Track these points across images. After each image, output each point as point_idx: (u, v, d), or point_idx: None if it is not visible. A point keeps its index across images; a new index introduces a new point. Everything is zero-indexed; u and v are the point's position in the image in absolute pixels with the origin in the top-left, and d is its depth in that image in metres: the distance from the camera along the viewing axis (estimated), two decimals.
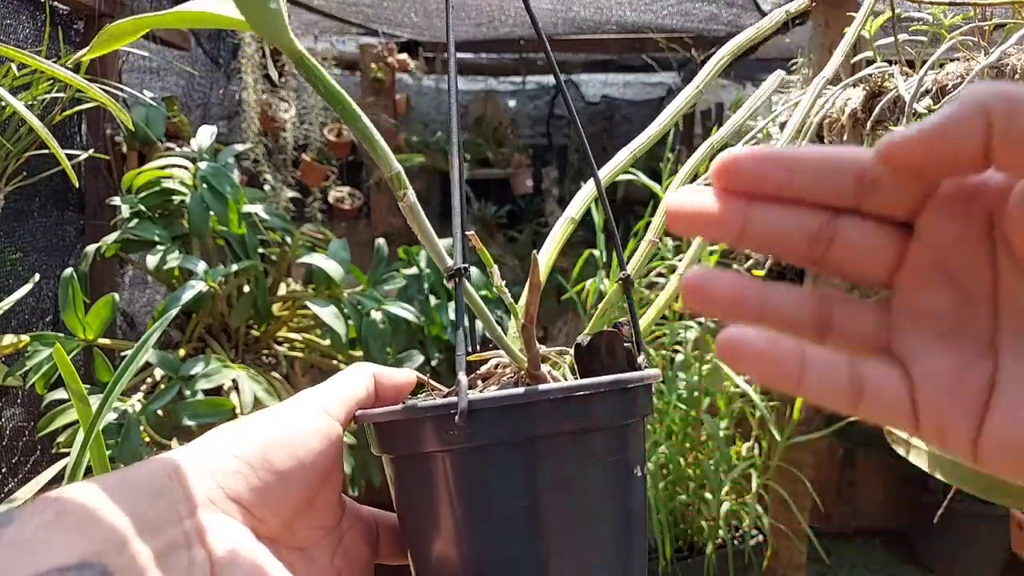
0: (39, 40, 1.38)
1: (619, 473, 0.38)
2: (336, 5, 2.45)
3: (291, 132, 2.39)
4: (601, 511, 0.38)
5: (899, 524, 2.92)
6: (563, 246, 0.51)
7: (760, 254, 1.68)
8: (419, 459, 0.38)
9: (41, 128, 0.81)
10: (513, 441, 0.36)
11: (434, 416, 0.36)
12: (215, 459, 0.35)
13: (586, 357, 0.42)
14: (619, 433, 0.38)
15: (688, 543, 1.75)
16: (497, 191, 3.34)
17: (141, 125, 1.59)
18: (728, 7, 2.41)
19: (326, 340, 1.61)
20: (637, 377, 0.39)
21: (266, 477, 0.35)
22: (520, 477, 0.36)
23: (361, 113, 0.35)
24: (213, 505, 0.33)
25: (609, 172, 0.53)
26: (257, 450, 0.35)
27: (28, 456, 1.37)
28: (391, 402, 0.42)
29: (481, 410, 0.35)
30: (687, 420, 1.71)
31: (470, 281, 0.40)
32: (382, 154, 0.36)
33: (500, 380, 0.42)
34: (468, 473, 0.36)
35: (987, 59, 0.90)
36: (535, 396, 0.36)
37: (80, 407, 0.69)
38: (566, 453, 0.37)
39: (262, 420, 0.38)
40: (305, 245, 1.69)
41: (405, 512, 0.40)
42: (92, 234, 1.57)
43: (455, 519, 0.37)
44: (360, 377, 0.41)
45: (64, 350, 0.69)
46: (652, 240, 0.52)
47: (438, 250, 0.38)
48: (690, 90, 0.55)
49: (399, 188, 0.36)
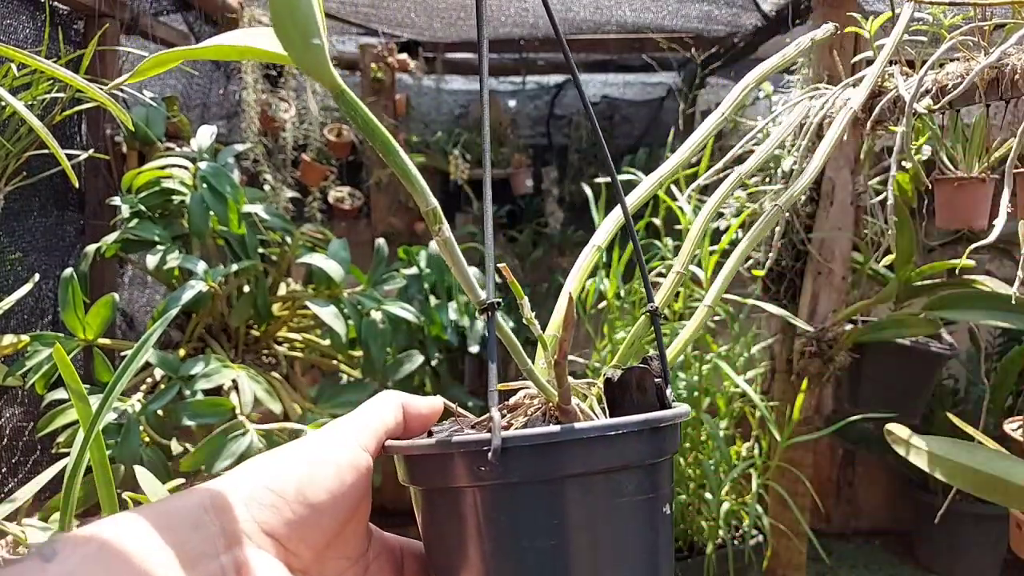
0: (39, 40, 1.38)
1: (648, 511, 0.38)
2: (336, 5, 2.45)
3: (291, 132, 2.39)
4: (630, 549, 0.38)
5: (899, 524, 2.92)
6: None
7: (759, 253, 1.68)
8: (449, 493, 0.38)
9: (41, 128, 0.81)
10: (545, 479, 0.36)
11: (466, 452, 0.36)
12: (250, 492, 0.35)
13: (616, 392, 0.41)
14: (650, 471, 0.38)
15: (688, 543, 1.75)
16: (497, 191, 3.34)
17: (141, 125, 1.59)
18: (728, 7, 2.41)
19: (326, 340, 1.61)
20: (670, 416, 0.39)
21: (300, 511, 0.36)
22: (551, 515, 0.36)
23: (399, 148, 0.35)
24: (249, 539, 0.34)
25: (637, 199, 0.53)
26: (291, 484, 0.36)
27: (28, 456, 1.37)
28: (418, 431, 0.42)
29: (514, 448, 0.35)
30: (687, 420, 1.71)
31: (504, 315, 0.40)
32: (419, 189, 0.35)
33: (528, 412, 0.41)
34: (499, 509, 0.36)
35: (987, 59, 0.90)
36: (569, 435, 0.35)
37: (80, 407, 0.69)
38: (597, 491, 0.36)
39: (296, 452, 0.38)
40: (305, 245, 1.69)
41: (433, 544, 0.40)
42: (92, 234, 1.57)
43: (484, 554, 0.37)
44: (389, 406, 0.41)
45: (64, 350, 0.69)
46: (680, 272, 0.52)
47: (471, 283, 0.37)
48: (715, 117, 0.55)
49: (435, 223, 0.36)
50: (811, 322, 1.64)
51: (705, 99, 3.14)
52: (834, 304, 1.66)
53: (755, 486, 1.65)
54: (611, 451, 0.36)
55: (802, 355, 1.63)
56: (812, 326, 1.62)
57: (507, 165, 3.20)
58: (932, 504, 2.59)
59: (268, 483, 0.36)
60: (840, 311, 1.65)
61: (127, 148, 1.64)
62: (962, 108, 1.02)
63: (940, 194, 1.14)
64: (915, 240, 1.48)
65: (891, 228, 1.07)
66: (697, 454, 1.73)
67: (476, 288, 0.38)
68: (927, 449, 0.94)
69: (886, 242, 1.55)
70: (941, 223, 1.15)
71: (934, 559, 2.70)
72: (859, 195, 1.62)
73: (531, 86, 3.53)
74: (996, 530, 2.55)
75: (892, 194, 1.01)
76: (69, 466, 0.68)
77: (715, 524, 1.69)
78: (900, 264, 1.51)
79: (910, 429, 1.00)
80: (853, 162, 1.61)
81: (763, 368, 1.81)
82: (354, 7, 2.48)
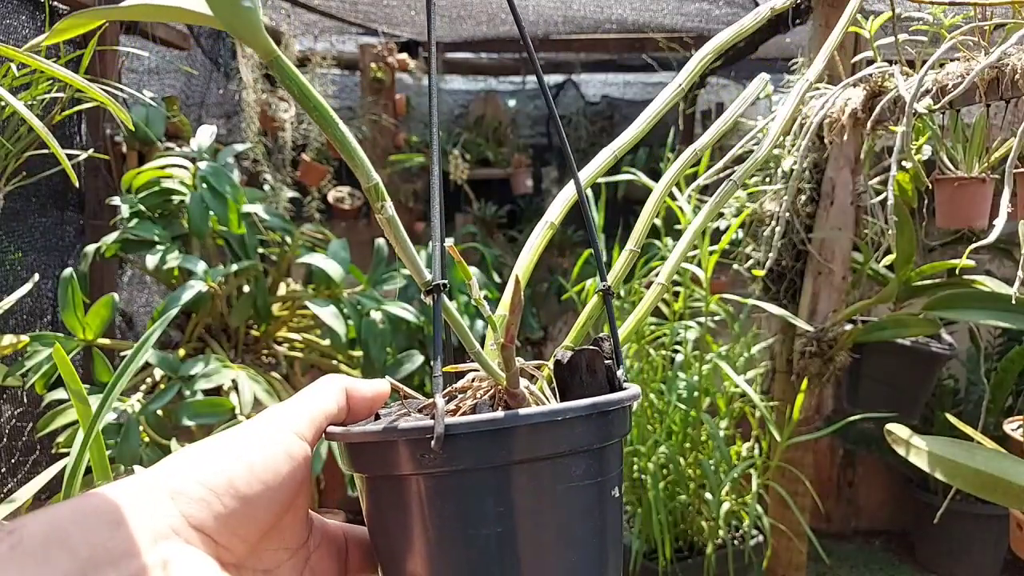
0: None
1: (596, 495, 0.38)
2: (336, 5, 2.45)
3: (290, 132, 2.39)
4: (578, 534, 0.37)
5: (899, 524, 2.92)
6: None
7: (759, 253, 1.68)
8: (392, 480, 0.37)
9: (41, 128, 0.81)
10: (490, 466, 0.35)
11: (409, 439, 0.35)
12: (177, 485, 0.33)
13: (566, 374, 0.40)
14: (598, 455, 0.38)
15: (688, 543, 1.75)
16: (497, 191, 3.34)
17: (141, 125, 1.59)
18: (728, 7, 2.41)
19: (326, 340, 1.61)
20: (617, 399, 0.38)
21: (231, 504, 0.34)
22: (496, 502, 0.35)
23: (338, 119, 0.34)
24: (176, 535, 0.32)
25: (591, 173, 0.52)
26: (222, 476, 0.34)
27: (28, 456, 1.37)
28: (365, 415, 0.41)
29: (458, 435, 0.34)
30: (687, 420, 1.71)
31: (450, 297, 0.39)
32: (360, 163, 0.34)
33: (476, 395, 0.41)
34: (443, 497, 0.35)
35: (987, 59, 0.90)
36: (514, 421, 0.35)
37: (80, 407, 0.69)
38: (544, 477, 0.36)
39: (228, 442, 0.36)
40: (305, 245, 1.69)
41: (377, 531, 0.39)
42: (92, 234, 1.57)
43: (429, 542, 0.36)
44: (330, 390, 0.40)
45: (64, 350, 0.69)
46: (632, 249, 0.51)
47: (416, 264, 0.36)
48: (671, 89, 0.54)
49: (377, 200, 0.35)
50: (811, 322, 1.64)
51: (705, 99, 3.14)
52: (834, 304, 1.66)
53: (755, 486, 1.65)
54: (558, 436, 0.36)
55: (802, 355, 1.63)
56: (812, 326, 1.62)
57: (507, 165, 3.20)
58: (932, 504, 2.59)
59: (197, 475, 0.34)
60: (840, 311, 1.65)
61: (127, 148, 1.63)
62: (962, 108, 1.02)
63: (940, 194, 1.14)
64: (915, 240, 1.48)
65: (891, 228, 1.07)
66: (697, 454, 1.73)
67: (422, 268, 0.37)
68: (927, 449, 0.94)
69: (886, 242, 1.55)
70: (941, 223, 1.15)
71: (934, 559, 2.70)
72: (859, 195, 1.62)
73: (531, 86, 3.53)
74: (996, 530, 2.55)
75: (892, 194, 1.01)
76: (69, 466, 0.68)
77: (715, 524, 1.69)
78: (900, 264, 1.51)
79: (910, 429, 1.00)
80: (853, 162, 1.61)
81: (763, 368, 1.81)
82: (354, 6, 2.48)
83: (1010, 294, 0.87)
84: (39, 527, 0.29)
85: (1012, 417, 1.20)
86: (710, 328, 1.76)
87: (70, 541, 0.29)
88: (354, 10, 2.53)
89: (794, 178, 1.49)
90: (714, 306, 1.71)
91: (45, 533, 0.29)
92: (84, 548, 0.29)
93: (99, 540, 0.30)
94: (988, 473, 0.87)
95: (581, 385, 0.40)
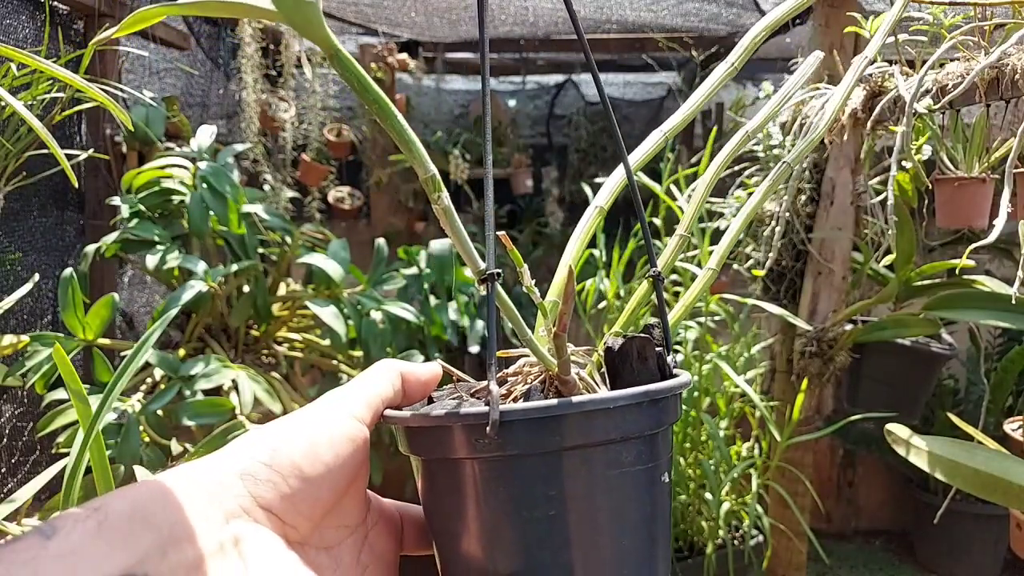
0: (39, 40, 1.38)
1: (646, 481, 0.38)
2: (336, 5, 2.45)
3: (291, 132, 2.39)
4: (627, 519, 0.38)
5: (899, 524, 2.92)
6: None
7: (759, 253, 1.68)
8: (448, 463, 0.38)
9: (41, 128, 0.81)
10: (543, 451, 0.36)
11: (465, 425, 0.36)
12: (246, 467, 0.35)
13: (617, 360, 0.41)
14: (648, 442, 0.38)
15: (688, 543, 1.75)
16: (497, 191, 3.34)
17: (141, 125, 1.59)
18: (728, 7, 2.41)
19: (326, 340, 1.61)
20: (669, 387, 0.39)
21: (296, 485, 0.36)
22: (549, 486, 0.36)
23: (396, 111, 0.34)
24: (246, 514, 0.34)
25: (641, 156, 0.52)
26: (286, 458, 0.36)
27: (28, 456, 1.37)
28: (418, 398, 0.43)
29: (513, 421, 0.35)
30: (687, 420, 1.71)
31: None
32: (417, 155, 0.35)
33: (528, 381, 0.41)
34: (497, 481, 0.36)
35: (987, 59, 0.90)
36: (567, 409, 0.35)
37: (80, 407, 0.68)
38: (595, 463, 0.37)
39: (292, 426, 0.38)
40: (305, 245, 1.69)
41: (432, 511, 0.40)
42: (92, 234, 1.57)
43: (483, 524, 0.37)
44: (386, 375, 0.42)
45: (64, 350, 0.69)
46: (682, 234, 0.50)
47: (472, 254, 0.37)
48: (723, 69, 0.53)
49: (434, 191, 0.36)
50: (811, 322, 1.64)
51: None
52: (834, 304, 1.66)
53: (755, 486, 1.65)
54: (609, 423, 0.36)
55: (802, 355, 1.63)
56: (812, 326, 1.62)
57: (507, 165, 3.20)
58: (932, 504, 2.59)
59: (263, 458, 0.36)
60: (840, 311, 1.65)
61: (127, 148, 1.63)
62: (962, 108, 1.02)
63: (940, 194, 1.14)
64: (915, 240, 1.48)
65: (891, 228, 1.07)
66: (697, 454, 1.73)
67: (476, 257, 0.37)
68: (927, 449, 0.94)
69: (886, 242, 1.55)
70: (941, 223, 1.15)
71: (934, 559, 2.70)
72: (859, 195, 1.62)
73: (531, 86, 3.54)
74: (996, 530, 2.55)
75: (892, 194, 1.01)
76: (69, 466, 0.68)
77: (715, 524, 1.69)
78: (900, 264, 1.51)
79: (910, 429, 1.00)
80: (853, 162, 1.61)
81: (763, 368, 1.81)
82: (354, 7, 2.48)
83: (1010, 294, 0.87)
84: (123, 505, 0.31)
85: (1012, 417, 1.20)
86: (710, 328, 1.76)
87: (152, 519, 0.31)
88: (354, 10, 2.53)
89: (794, 178, 1.49)
90: (714, 306, 1.71)
91: (129, 511, 0.31)
92: (165, 525, 0.31)
93: (177, 518, 0.32)
94: (988, 473, 0.87)
95: (632, 372, 0.41)
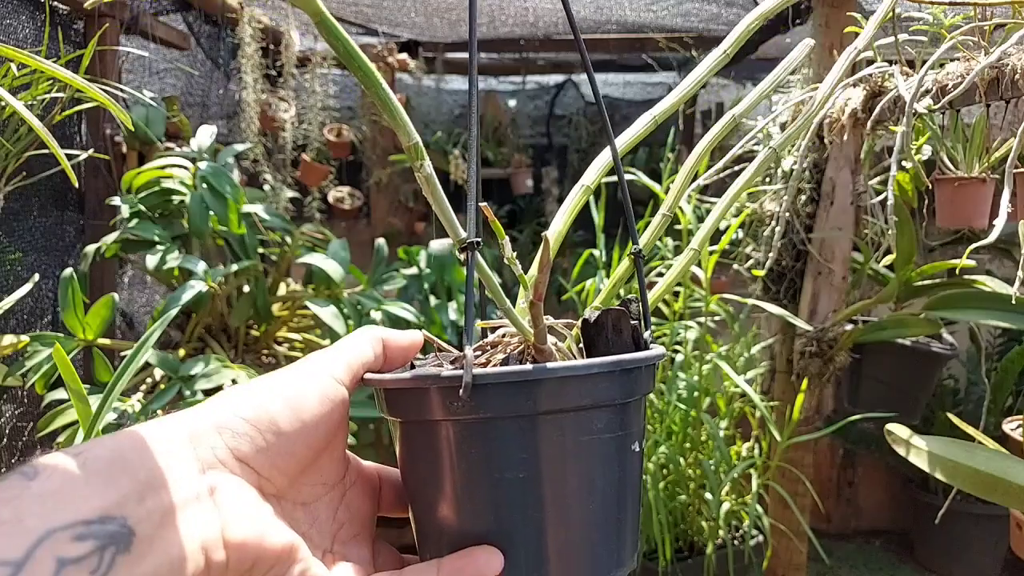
0: (39, 40, 1.38)
1: (618, 448, 0.40)
2: (336, 5, 2.45)
3: (291, 132, 2.39)
4: (597, 484, 0.39)
5: (899, 524, 2.92)
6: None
7: (759, 253, 1.68)
8: (425, 425, 0.39)
9: (41, 128, 0.81)
10: (516, 415, 0.37)
11: (440, 387, 0.37)
12: (223, 420, 0.36)
13: (592, 332, 0.42)
14: (621, 410, 0.39)
15: (688, 543, 1.75)
16: (497, 191, 3.34)
17: (141, 125, 1.59)
18: (728, 7, 2.41)
19: (326, 340, 1.61)
20: (641, 358, 0.40)
21: (272, 439, 0.37)
22: (521, 449, 0.37)
23: (382, 80, 0.35)
24: (222, 465, 0.35)
25: (628, 139, 0.53)
26: (264, 413, 0.37)
27: (28, 456, 1.37)
28: (399, 364, 0.44)
29: (487, 384, 0.36)
30: (687, 420, 1.71)
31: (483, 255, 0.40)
32: (401, 122, 0.36)
33: (507, 349, 0.43)
34: (471, 443, 0.37)
35: (987, 59, 0.90)
36: (541, 374, 0.36)
37: (80, 407, 0.69)
38: (567, 428, 0.38)
39: (270, 384, 0.39)
40: (305, 245, 1.69)
41: (409, 473, 0.41)
42: (92, 234, 1.57)
43: (456, 485, 0.38)
44: (367, 339, 0.43)
45: (64, 350, 0.69)
46: (665, 214, 0.51)
47: (452, 222, 0.38)
48: (715, 55, 0.53)
49: (417, 158, 0.36)
50: (811, 322, 1.64)
51: (705, 99, 3.14)
52: (834, 304, 1.66)
53: (755, 486, 1.65)
54: (582, 390, 0.37)
55: (802, 355, 1.63)
56: (812, 326, 1.62)
57: (507, 165, 3.20)
58: (932, 504, 2.59)
59: (241, 413, 0.37)
60: (840, 311, 1.65)
61: (127, 148, 1.63)
62: (962, 108, 1.02)
63: (940, 194, 1.14)
64: (915, 240, 1.48)
65: (891, 228, 1.07)
66: (697, 454, 1.73)
67: (457, 227, 0.38)
68: (927, 449, 0.94)
69: (886, 242, 1.55)
70: (941, 223, 1.15)
71: (934, 559, 2.70)
72: (859, 195, 1.62)
73: (531, 86, 3.53)
74: (996, 530, 2.55)
75: (892, 194, 1.01)
76: None
77: (715, 524, 1.69)
78: (900, 264, 1.51)
79: (910, 429, 1.00)
80: (853, 162, 1.61)
81: (763, 368, 1.81)
82: (354, 7, 2.48)
83: (1010, 294, 0.87)
84: (103, 451, 0.32)
85: (1012, 417, 1.20)
86: (710, 328, 1.76)
87: (131, 465, 0.32)
88: (354, 11, 2.53)
89: (794, 178, 1.49)
90: (714, 306, 1.71)
91: (109, 457, 0.32)
92: (143, 472, 0.32)
93: (155, 466, 0.33)
94: (988, 473, 0.87)
95: (607, 343, 0.42)
